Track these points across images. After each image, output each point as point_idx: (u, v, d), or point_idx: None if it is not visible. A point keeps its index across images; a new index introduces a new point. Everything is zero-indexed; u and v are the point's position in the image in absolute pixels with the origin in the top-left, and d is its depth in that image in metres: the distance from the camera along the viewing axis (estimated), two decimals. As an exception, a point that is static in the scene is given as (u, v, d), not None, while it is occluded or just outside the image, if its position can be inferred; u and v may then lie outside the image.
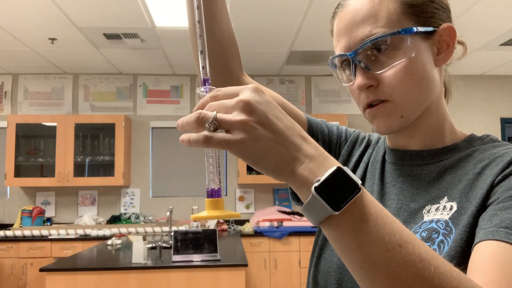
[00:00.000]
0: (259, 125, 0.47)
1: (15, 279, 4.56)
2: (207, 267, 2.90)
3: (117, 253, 3.55)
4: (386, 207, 0.71)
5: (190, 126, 0.49)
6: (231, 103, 0.47)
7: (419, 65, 0.65)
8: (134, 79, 5.58)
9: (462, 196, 0.63)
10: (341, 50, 0.69)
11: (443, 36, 0.68)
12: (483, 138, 0.72)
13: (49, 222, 5.18)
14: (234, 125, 0.46)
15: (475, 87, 5.80)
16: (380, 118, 0.68)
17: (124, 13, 3.70)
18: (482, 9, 3.61)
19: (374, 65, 0.66)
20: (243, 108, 0.47)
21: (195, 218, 0.51)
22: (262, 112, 0.47)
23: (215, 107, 0.48)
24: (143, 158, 5.49)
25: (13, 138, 5.03)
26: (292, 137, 0.48)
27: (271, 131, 0.47)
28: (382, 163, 0.79)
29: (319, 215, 0.47)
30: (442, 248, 0.60)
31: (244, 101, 0.47)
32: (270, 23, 3.95)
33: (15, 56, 4.82)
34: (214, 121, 0.46)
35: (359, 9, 0.67)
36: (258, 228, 4.87)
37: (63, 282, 2.82)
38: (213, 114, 0.47)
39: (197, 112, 0.48)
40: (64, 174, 5.03)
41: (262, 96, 0.48)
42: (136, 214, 5.24)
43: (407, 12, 0.66)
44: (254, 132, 0.46)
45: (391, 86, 0.65)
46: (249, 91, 0.48)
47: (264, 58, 4.99)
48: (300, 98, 5.69)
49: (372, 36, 0.64)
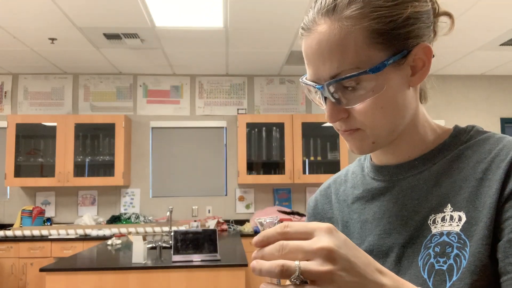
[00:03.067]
0: (344, 272, 0.45)
1: (15, 279, 4.56)
2: (207, 267, 2.90)
3: (117, 253, 3.55)
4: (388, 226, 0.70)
5: (271, 276, 0.46)
6: (311, 248, 0.45)
7: (389, 97, 0.64)
8: (134, 79, 5.58)
9: (469, 205, 0.62)
10: (310, 77, 0.67)
11: (418, 55, 0.64)
12: (468, 131, 0.70)
13: (49, 222, 5.18)
14: (322, 277, 0.45)
15: (475, 87, 5.80)
16: (353, 142, 0.68)
17: (124, 13, 3.70)
18: (482, 9, 3.61)
19: (344, 98, 0.64)
20: (327, 256, 0.45)
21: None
22: (345, 258, 0.46)
23: (292, 250, 0.46)
24: (143, 158, 5.49)
25: (13, 138, 5.03)
26: (372, 275, 0.48)
27: (354, 274, 0.46)
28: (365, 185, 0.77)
29: None
30: (459, 263, 0.59)
31: (327, 248, 0.45)
32: (270, 23, 3.95)
33: (15, 56, 4.82)
34: (300, 275, 0.45)
35: (325, 40, 0.63)
36: (258, 228, 4.86)
37: (63, 282, 2.82)
38: (297, 266, 0.45)
39: (280, 263, 0.45)
40: (64, 174, 5.03)
41: (339, 238, 0.47)
42: (136, 214, 5.24)
43: (377, 42, 0.61)
44: (341, 280, 0.45)
45: (361, 119, 0.65)
46: (326, 234, 0.46)
47: (264, 58, 4.99)
48: (300, 98, 5.70)
49: (339, 74, 0.62)
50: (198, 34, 4.22)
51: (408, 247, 0.66)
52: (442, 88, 5.71)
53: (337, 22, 0.62)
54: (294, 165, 5.20)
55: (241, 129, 5.21)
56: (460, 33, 4.10)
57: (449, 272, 0.59)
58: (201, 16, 3.81)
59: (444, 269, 0.59)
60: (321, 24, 0.64)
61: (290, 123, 5.26)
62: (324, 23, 0.63)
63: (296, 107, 5.69)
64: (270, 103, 5.67)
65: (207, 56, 4.89)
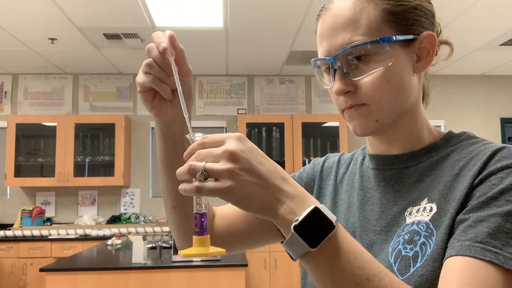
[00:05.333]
0: (244, 171, 0.52)
1: (15, 279, 4.56)
2: (207, 267, 2.90)
3: (117, 253, 3.55)
4: (369, 212, 0.73)
5: (184, 177, 0.53)
6: (218, 152, 0.53)
7: (396, 73, 0.67)
8: (134, 79, 5.57)
9: (441, 197, 0.65)
10: (322, 54, 0.71)
11: (423, 43, 0.69)
12: (460, 135, 0.73)
13: (49, 222, 5.18)
14: (222, 174, 0.52)
15: (475, 87, 5.80)
16: (357, 120, 0.70)
17: (124, 13, 3.70)
18: (482, 9, 3.61)
19: (352, 71, 0.68)
20: (229, 157, 0.52)
21: (184, 255, 0.56)
22: (246, 160, 0.53)
23: (203, 156, 0.53)
24: (143, 158, 5.49)
25: (13, 138, 5.03)
26: (274, 180, 0.54)
27: (255, 176, 0.53)
28: (361, 171, 0.81)
29: (298, 251, 0.53)
30: (424, 250, 0.61)
31: (230, 150, 0.52)
32: (270, 23, 3.95)
33: (15, 56, 4.82)
34: (204, 172, 0.52)
35: (341, 14, 0.68)
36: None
37: (63, 282, 2.82)
38: (202, 165, 0.52)
39: (189, 164, 0.53)
40: (64, 174, 5.03)
41: (246, 144, 0.54)
42: (136, 214, 5.24)
43: (387, 20, 0.66)
44: (240, 178, 0.52)
45: (368, 92, 0.67)
46: (234, 140, 0.54)
47: (264, 58, 4.99)
48: (300, 98, 5.70)
49: (351, 43, 0.66)
50: (198, 34, 4.22)
51: (383, 234, 0.69)
52: (442, 88, 5.71)
53: (353, 0, 0.68)
54: (294, 165, 5.20)
55: (241, 129, 5.21)
56: (460, 33, 4.10)
57: (414, 259, 0.62)
58: (201, 16, 3.81)
59: (410, 256, 0.62)
60: (338, 2, 0.69)
61: (290, 123, 5.26)
62: (342, 1, 0.69)
63: (296, 107, 5.69)
64: (270, 103, 5.67)
65: (207, 56, 4.89)
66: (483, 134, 5.65)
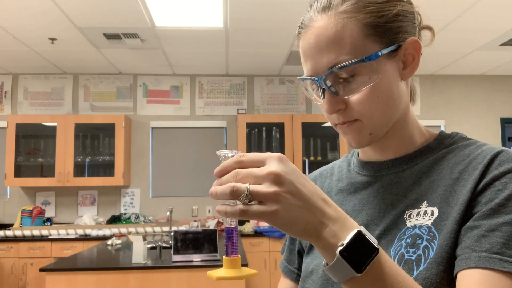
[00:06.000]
0: (289, 194, 0.51)
1: (15, 279, 4.56)
2: (207, 267, 2.90)
3: (117, 253, 3.55)
4: (366, 217, 0.73)
5: (224, 198, 0.51)
6: (261, 173, 0.51)
7: (384, 87, 0.67)
8: (134, 79, 5.58)
9: (442, 201, 0.65)
10: (308, 73, 0.70)
11: (408, 49, 0.69)
12: (453, 136, 0.74)
13: (49, 222, 5.18)
14: (268, 197, 0.50)
15: (475, 87, 5.80)
16: (351, 135, 0.71)
17: (124, 13, 3.70)
18: (482, 9, 3.61)
19: (341, 89, 0.67)
20: (274, 180, 0.50)
21: (217, 278, 0.54)
22: (290, 182, 0.51)
23: (243, 176, 0.51)
24: (143, 158, 5.49)
25: (13, 138, 5.03)
26: (317, 202, 0.53)
27: (299, 199, 0.51)
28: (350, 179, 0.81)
29: (343, 276, 0.53)
30: (427, 254, 0.62)
31: (274, 172, 0.50)
32: (270, 23, 3.95)
33: (15, 56, 4.82)
34: (248, 195, 0.50)
35: (323, 34, 0.66)
36: (258, 228, 4.87)
37: (63, 282, 2.82)
38: (246, 187, 0.50)
39: (231, 185, 0.51)
40: (64, 174, 5.03)
41: (289, 166, 0.53)
42: (136, 214, 5.24)
43: (370, 34, 0.65)
44: (286, 202, 0.50)
45: (358, 109, 0.67)
46: (276, 162, 0.52)
47: (264, 58, 4.99)
48: (300, 98, 5.70)
49: (337, 64, 0.65)
50: (198, 34, 4.22)
51: (383, 238, 0.69)
52: (442, 88, 5.71)
53: (333, 17, 0.66)
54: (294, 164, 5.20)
55: (241, 129, 5.21)
56: (460, 33, 4.10)
57: (417, 262, 0.62)
58: (201, 16, 3.81)
59: (413, 259, 0.63)
60: (318, 20, 0.68)
61: (290, 123, 5.26)
62: (321, 19, 0.67)
63: (296, 107, 5.69)
64: (270, 103, 5.67)
65: (207, 56, 4.89)
66: (483, 134, 5.65)
